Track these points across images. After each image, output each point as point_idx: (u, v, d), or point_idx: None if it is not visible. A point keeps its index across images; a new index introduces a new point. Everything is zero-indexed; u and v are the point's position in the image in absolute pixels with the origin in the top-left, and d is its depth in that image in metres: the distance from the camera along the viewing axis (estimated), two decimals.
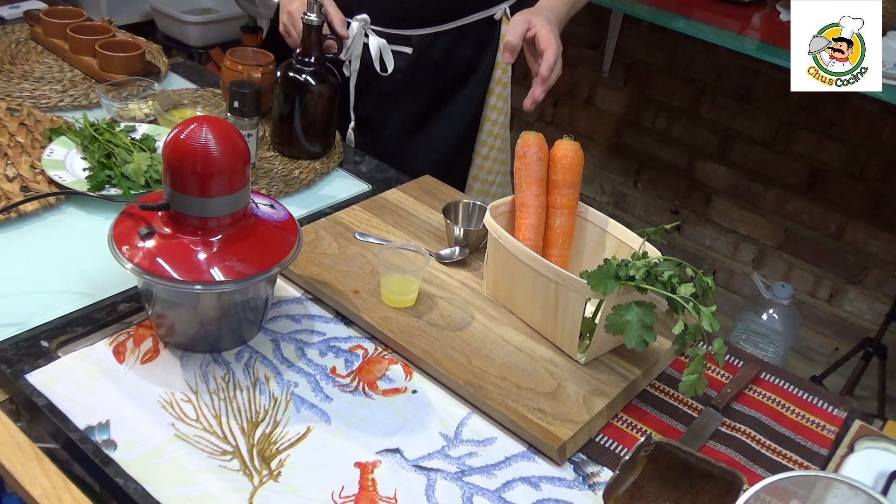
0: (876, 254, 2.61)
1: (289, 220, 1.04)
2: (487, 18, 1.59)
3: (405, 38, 1.55)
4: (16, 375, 0.96)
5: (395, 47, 1.56)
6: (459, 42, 1.59)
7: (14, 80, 1.59)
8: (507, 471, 0.94)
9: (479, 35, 1.60)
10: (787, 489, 0.82)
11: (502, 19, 1.60)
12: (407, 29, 1.54)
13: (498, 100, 1.67)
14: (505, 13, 1.61)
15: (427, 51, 1.57)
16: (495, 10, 1.59)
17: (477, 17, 1.58)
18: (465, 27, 1.58)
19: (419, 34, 1.56)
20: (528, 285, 1.09)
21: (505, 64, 1.50)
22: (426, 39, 1.57)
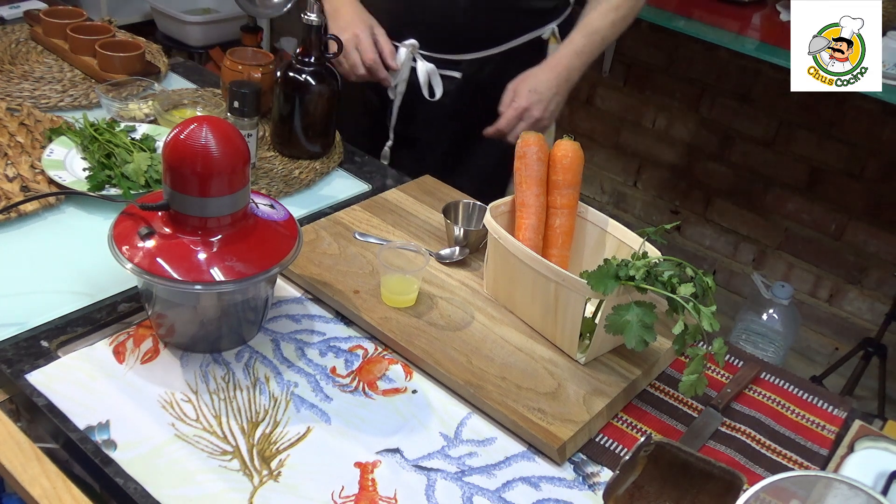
0: (876, 254, 2.61)
1: (289, 220, 1.04)
2: (535, 39, 1.58)
3: (454, 62, 1.54)
4: (16, 375, 0.96)
5: (443, 72, 1.55)
6: (507, 64, 1.56)
7: (14, 80, 1.59)
8: (507, 471, 0.94)
9: (527, 56, 1.57)
10: (787, 489, 0.82)
11: (550, 39, 1.59)
12: (456, 53, 1.53)
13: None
14: (553, 33, 1.59)
15: (476, 75, 1.56)
16: (543, 30, 1.58)
17: (526, 39, 1.57)
18: (513, 49, 1.56)
19: (469, 58, 1.55)
20: (528, 285, 1.09)
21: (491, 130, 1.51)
22: (475, 64, 1.55)
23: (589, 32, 1.52)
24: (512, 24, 1.54)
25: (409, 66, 1.55)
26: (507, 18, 1.53)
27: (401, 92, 1.58)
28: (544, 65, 1.52)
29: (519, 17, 1.54)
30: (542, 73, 1.50)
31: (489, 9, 1.51)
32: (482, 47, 1.55)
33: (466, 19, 1.50)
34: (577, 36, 1.52)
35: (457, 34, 1.52)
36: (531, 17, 1.56)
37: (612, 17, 1.53)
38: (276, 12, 2.97)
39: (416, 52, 1.54)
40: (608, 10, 1.53)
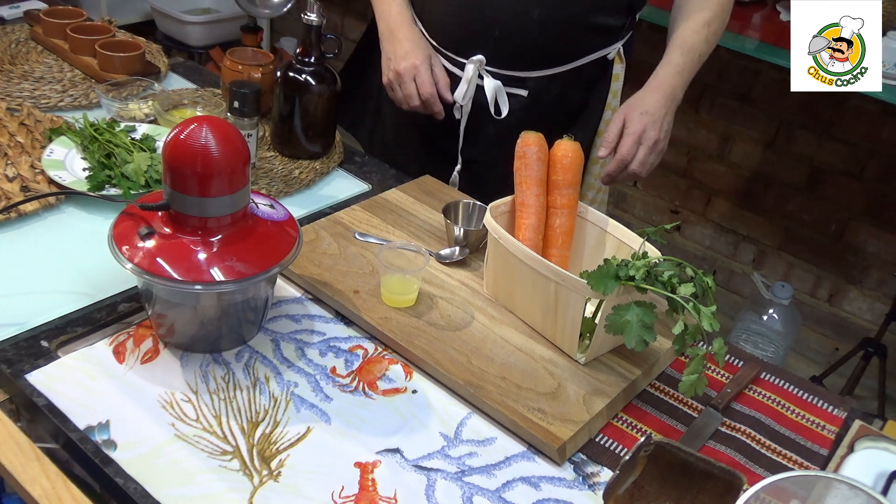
0: (876, 254, 2.61)
1: (289, 220, 1.04)
2: (601, 59, 1.53)
3: (521, 80, 1.50)
4: (16, 375, 0.96)
5: (510, 90, 1.51)
6: (573, 83, 1.53)
7: (14, 80, 1.59)
8: (507, 471, 0.94)
9: (592, 75, 1.54)
10: (787, 489, 0.82)
11: (615, 59, 1.55)
12: (523, 71, 1.48)
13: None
14: (619, 53, 1.55)
15: (542, 93, 1.51)
16: (609, 49, 1.54)
17: (592, 58, 1.52)
18: (579, 68, 1.52)
19: (535, 76, 1.50)
20: (528, 285, 1.09)
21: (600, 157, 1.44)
22: (542, 81, 1.51)
23: (686, 50, 1.46)
24: (580, 41, 1.50)
25: (475, 84, 1.49)
26: (576, 35, 1.48)
27: (467, 111, 1.53)
28: (648, 87, 1.46)
29: (588, 34, 1.49)
30: (649, 96, 1.44)
31: (560, 25, 1.45)
32: (550, 65, 1.50)
33: (536, 35, 1.45)
34: (675, 54, 1.47)
35: (526, 50, 1.47)
36: (599, 36, 1.51)
37: (705, 34, 1.47)
38: (276, 12, 2.98)
39: (483, 69, 1.48)
40: (700, 27, 1.47)
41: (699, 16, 1.47)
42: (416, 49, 1.48)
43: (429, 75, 1.47)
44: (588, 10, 1.46)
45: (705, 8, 1.47)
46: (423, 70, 1.46)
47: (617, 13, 1.50)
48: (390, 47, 1.49)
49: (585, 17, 1.46)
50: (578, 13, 1.45)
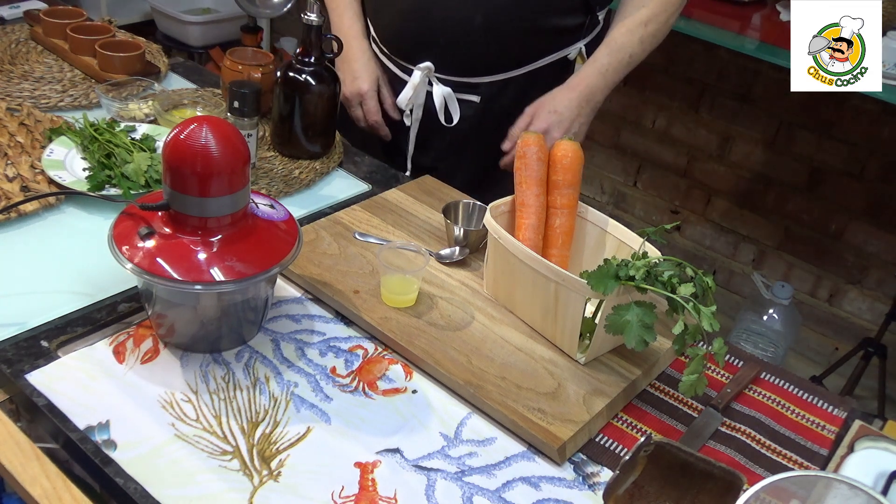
0: (876, 254, 2.61)
1: (289, 220, 1.04)
2: (561, 60, 1.48)
3: (473, 86, 1.46)
4: (16, 375, 0.96)
5: (461, 96, 1.48)
6: (531, 87, 1.47)
7: (14, 80, 1.59)
8: (507, 471, 0.94)
9: (552, 77, 1.48)
10: (787, 489, 0.82)
11: (577, 59, 1.50)
12: (474, 76, 1.44)
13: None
14: (580, 53, 1.50)
15: (496, 98, 1.48)
16: (569, 50, 1.48)
17: (550, 60, 1.47)
18: (536, 71, 1.47)
19: (487, 81, 1.46)
20: (528, 285, 1.09)
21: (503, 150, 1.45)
22: (495, 87, 1.47)
23: (614, 49, 1.43)
24: (533, 44, 1.45)
25: (423, 90, 1.49)
26: (527, 39, 1.44)
27: (417, 118, 1.52)
28: (565, 85, 1.44)
29: (541, 36, 1.44)
30: (563, 93, 1.42)
31: (507, 29, 1.41)
32: (501, 69, 1.46)
33: (483, 40, 1.41)
34: (602, 53, 1.44)
35: (473, 56, 1.44)
36: (555, 37, 1.46)
37: (640, 34, 1.43)
38: (276, 12, 2.97)
39: (432, 76, 1.47)
40: (636, 26, 1.43)
41: (637, 15, 1.43)
42: (363, 72, 1.50)
43: (374, 101, 1.50)
44: (535, 12, 1.41)
45: (645, 6, 1.43)
46: (369, 96, 1.49)
47: (570, 13, 1.45)
48: (342, 65, 1.52)
49: (534, 19, 1.41)
50: (524, 16, 1.40)
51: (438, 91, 1.48)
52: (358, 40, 1.53)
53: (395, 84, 1.54)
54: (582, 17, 1.47)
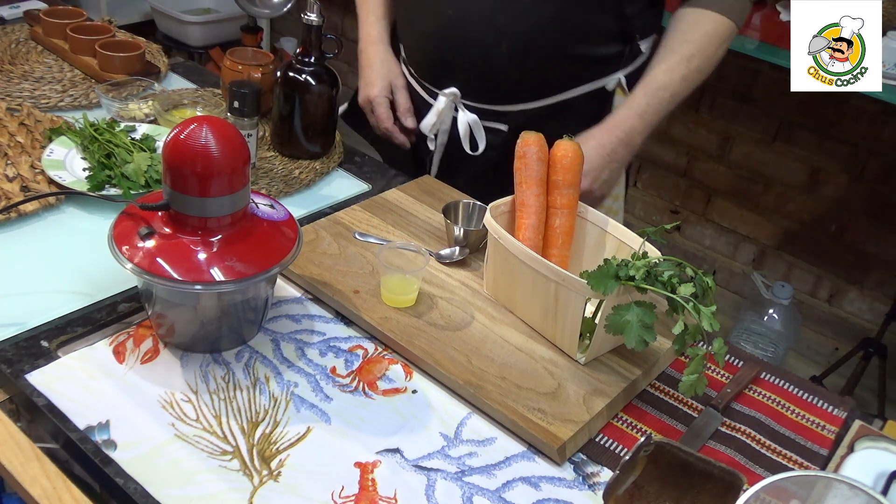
0: (876, 254, 2.61)
1: (289, 220, 1.04)
2: (598, 90, 1.40)
3: (500, 114, 1.39)
4: (16, 375, 0.96)
5: (487, 124, 1.41)
6: (562, 116, 1.38)
7: (14, 80, 1.59)
8: (507, 471, 0.94)
9: (587, 108, 1.39)
10: (787, 489, 0.82)
11: (616, 90, 1.41)
12: (501, 104, 1.36)
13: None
14: (620, 84, 1.40)
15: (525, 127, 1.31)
16: (606, 80, 1.40)
17: (583, 90, 1.39)
18: (568, 100, 1.39)
19: (516, 110, 1.39)
20: (528, 285, 1.09)
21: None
22: (524, 116, 1.39)
23: (654, 90, 1.34)
24: (564, 73, 1.37)
25: (450, 117, 1.42)
26: (557, 67, 1.36)
27: (441, 143, 1.46)
28: (600, 128, 1.35)
29: (573, 65, 1.36)
30: (593, 139, 1.33)
31: (535, 57, 1.34)
32: (530, 98, 1.38)
33: (509, 67, 1.34)
34: (640, 94, 1.34)
35: (500, 83, 1.36)
36: (589, 66, 1.38)
37: (682, 71, 1.33)
38: (276, 12, 2.98)
39: (458, 102, 1.40)
40: (678, 63, 1.33)
41: (680, 50, 1.34)
42: (374, 77, 1.45)
43: (384, 108, 1.45)
44: (565, 40, 1.34)
45: (688, 41, 1.35)
46: (379, 102, 1.44)
47: (606, 42, 1.37)
48: (360, 70, 1.49)
49: (564, 47, 1.34)
50: (553, 44, 1.33)
51: (464, 118, 1.41)
52: (374, 45, 1.48)
53: (421, 108, 1.48)
54: (620, 45, 1.39)
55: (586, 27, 1.34)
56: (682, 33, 1.35)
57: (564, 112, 1.40)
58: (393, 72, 1.49)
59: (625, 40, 1.39)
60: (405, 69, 1.52)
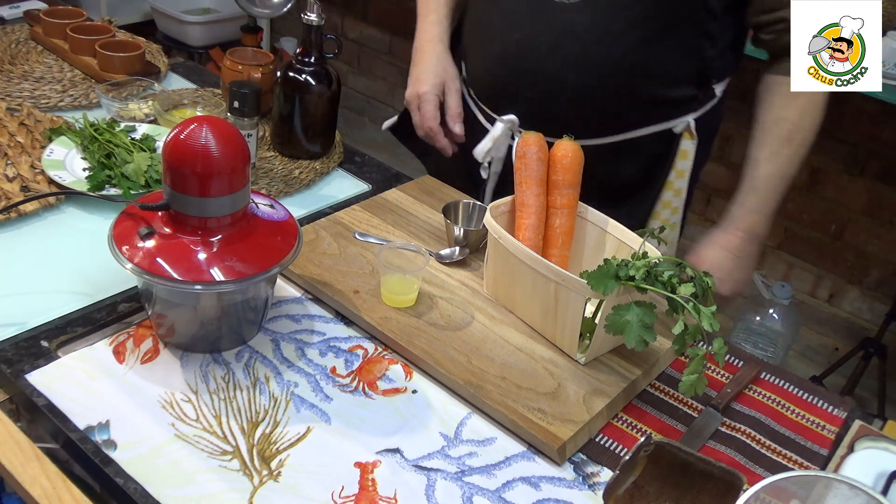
0: (876, 254, 2.61)
1: (289, 220, 1.04)
2: (664, 132, 1.33)
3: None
4: (16, 375, 0.96)
5: None
6: (625, 156, 1.33)
7: (14, 80, 1.59)
8: (507, 471, 0.94)
9: (651, 149, 1.34)
10: (787, 489, 0.82)
11: (683, 134, 1.34)
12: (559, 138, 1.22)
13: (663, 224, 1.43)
14: (688, 128, 1.33)
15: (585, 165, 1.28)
16: (675, 123, 1.32)
17: (649, 131, 1.32)
18: (632, 140, 1.32)
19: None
20: (528, 285, 1.09)
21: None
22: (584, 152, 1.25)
23: (763, 181, 1.29)
24: (632, 113, 1.30)
25: (505, 145, 1.36)
26: (625, 107, 1.30)
27: (495, 172, 1.39)
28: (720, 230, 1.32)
29: (642, 106, 1.30)
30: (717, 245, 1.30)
31: (603, 94, 1.27)
32: (593, 134, 1.30)
33: (574, 101, 1.28)
34: (749, 189, 1.29)
35: (561, 116, 1.29)
36: (658, 108, 1.31)
37: (786, 153, 1.28)
38: (276, 12, 2.98)
39: (516, 130, 1.33)
40: (780, 145, 1.28)
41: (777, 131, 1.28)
42: (427, 74, 1.36)
43: (432, 105, 1.35)
44: (637, 80, 1.27)
45: (785, 118, 1.27)
46: (427, 99, 1.35)
47: (680, 84, 1.30)
48: (412, 67, 1.42)
49: (634, 87, 1.27)
50: (624, 83, 1.27)
51: None
52: (431, 44, 1.41)
53: (477, 132, 1.40)
54: (694, 89, 1.32)
55: (660, 68, 1.27)
56: (777, 109, 1.28)
57: (626, 152, 1.34)
58: (448, 72, 1.40)
59: (700, 84, 1.32)
60: (464, 89, 1.45)
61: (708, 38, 1.26)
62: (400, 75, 3.54)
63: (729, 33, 1.30)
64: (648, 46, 1.24)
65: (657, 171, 1.37)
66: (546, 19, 1.25)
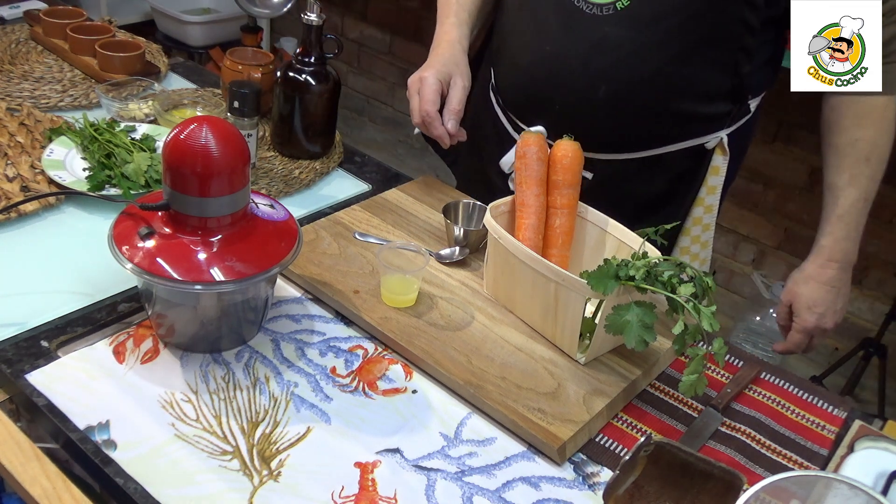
0: (876, 254, 2.61)
1: (289, 220, 1.04)
2: (696, 147, 1.30)
3: (587, 160, 1.24)
4: (16, 375, 0.96)
5: None
6: (654, 171, 1.31)
7: (14, 80, 1.59)
8: (507, 471, 0.94)
9: (681, 166, 1.31)
10: (787, 489, 0.82)
11: (716, 149, 1.31)
12: (588, 151, 1.21)
13: (693, 243, 1.39)
14: (721, 143, 1.30)
15: (612, 178, 1.30)
16: (707, 139, 1.29)
17: (682, 146, 1.29)
18: (664, 155, 1.30)
19: (603, 159, 1.29)
20: (528, 285, 1.09)
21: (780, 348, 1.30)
22: (612, 166, 1.30)
23: (847, 211, 1.23)
24: (664, 128, 1.27)
25: None
26: (657, 122, 1.27)
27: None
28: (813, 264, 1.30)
29: (674, 121, 1.27)
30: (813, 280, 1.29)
31: (635, 108, 1.24)
32: (622, 149, 1.29)
33: (605, 115, 1.25)
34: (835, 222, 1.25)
35: (591, 129, 1.25)
36: (691, 124, 1.28)
37: (867, 173, 1.22)
38: (276, 12, 2.98)
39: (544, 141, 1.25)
40: (859, 167, 1.22)
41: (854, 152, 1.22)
42: (435, 62, 1.30)
43: (432, 90, 1.27)
44: (671, 94, 1.24)
45: (861, 139, 1.21)
46: (429, 83, 1.27)
47: (715, 100, 1.26)
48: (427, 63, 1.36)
49: (668, 102, 1.24)
50: (657, 97, 1.24)
51: None
52: (449, 43, 1.35)
53: (505, 143, 1.38)
54: (729, 105, 1.28)
55: (695, 83, 1.24)
56: (850, 130, 1.22)
57: (656, 167, 1.31)
58: (460, 67, 1.32)
59: (735, 99, 1.28)
60: (493, 97, 1.43)
61: (745, 53, 1.22)
62: (400, 75, 3.54)
63: (767, 48, 1.27)
64: (683, 60, 1.21)
65: (687, 187, 1.34)
66: (578, 31, 1.23)
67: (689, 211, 1.36)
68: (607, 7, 1.19)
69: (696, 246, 1.41)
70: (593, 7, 1.20)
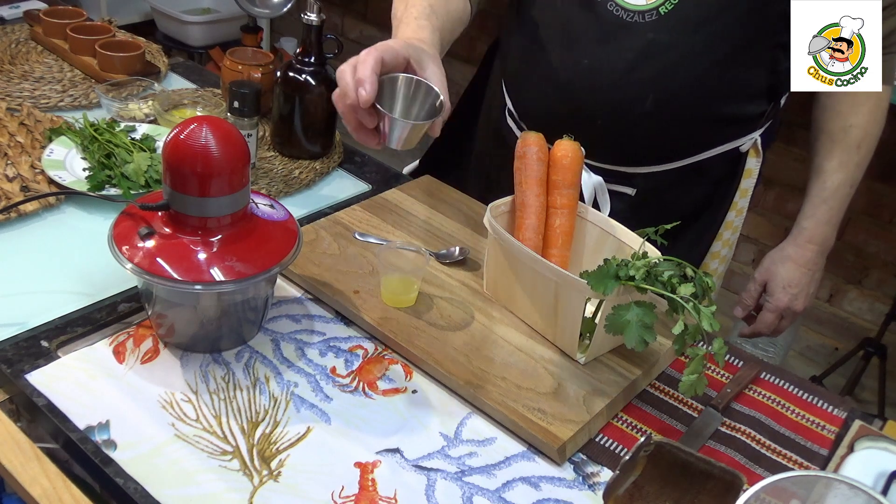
0: (876, 254, 2.61)
1: (289, 220, 1.04)
2: (731, 151, 1.30)
3: (627, 176, 1.27)
4: (16, 375, 0.96)
5: (613, 187, 1.29)
6: (693, 180, 1.30)
7: (14, 80, 1.59)
8: (507, 471, 0.94)
9: (718, 171, 1.32)
10: (787, 489, 0.82)
11: (750, 152, 1.32)
12: (630, 166, 1.23)
13: (724, 247, 1.41)
14: (755, 145, 1.32)
15: (654, 192, 1.29)
16: (742, 141, 1.30)
17: (720, 151, 1.29)
18: (702, 162, 1.29)
19: (646, 172, 1.28)
20: (528, 285, 1.09)
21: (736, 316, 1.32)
22: (654, 178, 1.28)
23: (833, 191, 1.27)
24: (705, 133, 1.27)
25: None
26: (699, 127, 1.25)
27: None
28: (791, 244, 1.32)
29: (715, 125, 1.26)
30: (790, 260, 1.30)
31: (679, 115, 1.23)
32: (663, 159, 1.27)
33: (651, 125, 1.23)
34: (819, 205, 1.28)
35: (635, 144, 1.25)
36: (730, 126, 1.28)
37: (855, 160, 1.26)
38: (276, 12, 2.98)
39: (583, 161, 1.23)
40: (849, 154, 1.25)
41: (846, 140, 1.25)
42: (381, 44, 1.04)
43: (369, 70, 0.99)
44: (715, 98, 1.23)
45: (854, 125, 1.24)
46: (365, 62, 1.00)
47: (754, 99, 1.27)
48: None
49: (710, 105, 1.24)
50: (701, 102, 1.23)
51: (588, 181, 1.27)
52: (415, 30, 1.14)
53: None
54: (765, 104, 1.29)
55: (738, 83, 1.24)
56: (844, 116, 1.26)
57: (695, 175, 1.31)
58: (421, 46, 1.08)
59: (771, 97, 1.30)
60: (510, 122, 1.39)
61: (783, 49, 1.20)
62: None
63: None
64: (728, 62, 1.20)
65: (724, 191, 1.34)
66: (619, 41, 1.20)
67: (724, 217, 1.37)
68: (650, 13, 1.17)
69: (726, 248, 1.42)
70: (634, 15, 1.18)
